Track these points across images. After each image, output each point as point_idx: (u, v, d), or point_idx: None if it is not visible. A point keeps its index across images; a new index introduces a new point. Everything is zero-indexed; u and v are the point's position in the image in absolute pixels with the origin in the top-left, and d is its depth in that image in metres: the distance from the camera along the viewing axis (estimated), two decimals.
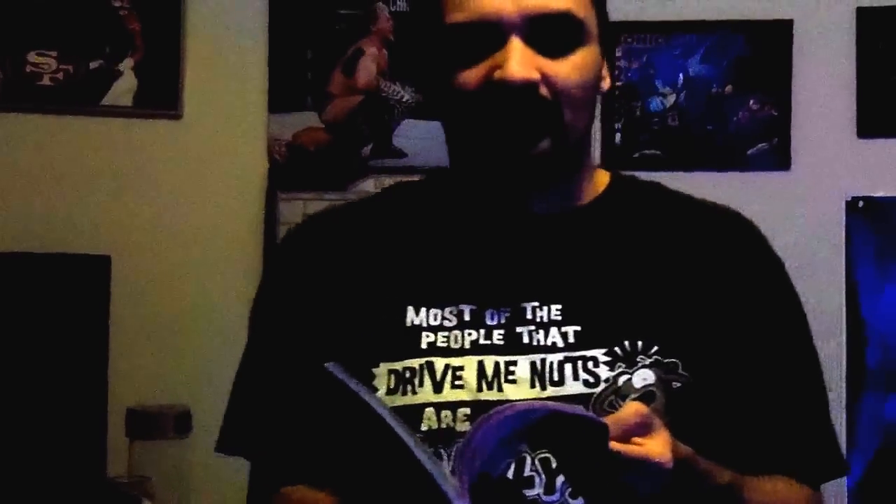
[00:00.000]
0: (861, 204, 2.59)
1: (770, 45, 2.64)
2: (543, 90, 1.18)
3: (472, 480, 1.00)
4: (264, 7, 2.66)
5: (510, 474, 1.13)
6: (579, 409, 1.04)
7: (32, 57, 2.60)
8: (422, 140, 2.65)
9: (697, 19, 2.65)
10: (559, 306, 1.22)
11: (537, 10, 1.17)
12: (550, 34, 1.18)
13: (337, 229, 1.32)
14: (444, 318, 1.23)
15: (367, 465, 1.10)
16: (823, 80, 2.65)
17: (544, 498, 1.14)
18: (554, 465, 1.12)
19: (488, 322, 1.22)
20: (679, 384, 1.19)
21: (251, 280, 2.63)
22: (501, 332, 1.22)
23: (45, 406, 2.00)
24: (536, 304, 1.22)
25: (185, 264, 2.63)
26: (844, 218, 2.58)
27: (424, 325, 1.23)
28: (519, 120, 1.18)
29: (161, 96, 2.64)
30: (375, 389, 1.20)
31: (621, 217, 1.29)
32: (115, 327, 2.13)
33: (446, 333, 1.22)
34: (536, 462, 1.14)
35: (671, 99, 2.65)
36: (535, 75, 1.17)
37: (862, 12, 2.63)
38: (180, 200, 2.64)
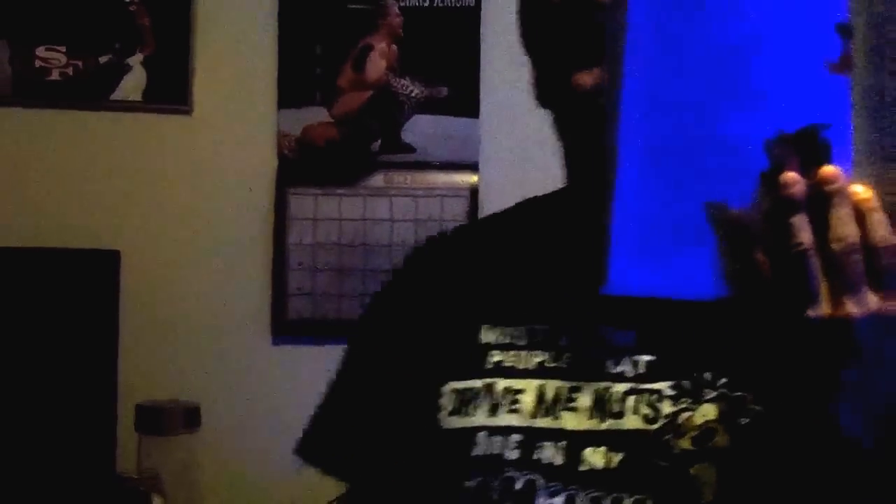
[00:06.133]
0: None
1: None
2: None
3: None
4: (274, 2, 2.66)
5: None
6: None
7: (41, 52, 2.59)
8: (431, 135, 2.64)
9: None
10: (633, 333, 1.17)
11: None
12: None
13: (453, 248, 1.32)
14: (514, 336, 1.20)
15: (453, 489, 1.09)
16: None
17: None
18: None
19: (560, 343, 1.18)
20: (747, 419, 1.12)
21: (261, 275, 2.65)
22: (570, 354, 1.17)
23: (54, 401, 2.00)
24: (611, 328, 1.18)
25: (195, 259, 2.63)
26: None
27: (493, 342, 1.20)
28: None
29: (171, 91, 2.64)
30: (439, 409, 1.17)
31: None
32: (124, 322, 2.13)
33: (515, 352, 1.19)
34: None
35: None
36: None
37: None
38: (190, 196, 2.64)
